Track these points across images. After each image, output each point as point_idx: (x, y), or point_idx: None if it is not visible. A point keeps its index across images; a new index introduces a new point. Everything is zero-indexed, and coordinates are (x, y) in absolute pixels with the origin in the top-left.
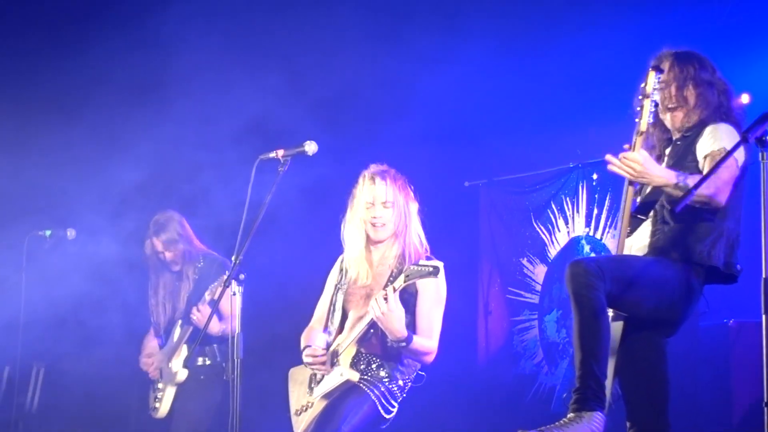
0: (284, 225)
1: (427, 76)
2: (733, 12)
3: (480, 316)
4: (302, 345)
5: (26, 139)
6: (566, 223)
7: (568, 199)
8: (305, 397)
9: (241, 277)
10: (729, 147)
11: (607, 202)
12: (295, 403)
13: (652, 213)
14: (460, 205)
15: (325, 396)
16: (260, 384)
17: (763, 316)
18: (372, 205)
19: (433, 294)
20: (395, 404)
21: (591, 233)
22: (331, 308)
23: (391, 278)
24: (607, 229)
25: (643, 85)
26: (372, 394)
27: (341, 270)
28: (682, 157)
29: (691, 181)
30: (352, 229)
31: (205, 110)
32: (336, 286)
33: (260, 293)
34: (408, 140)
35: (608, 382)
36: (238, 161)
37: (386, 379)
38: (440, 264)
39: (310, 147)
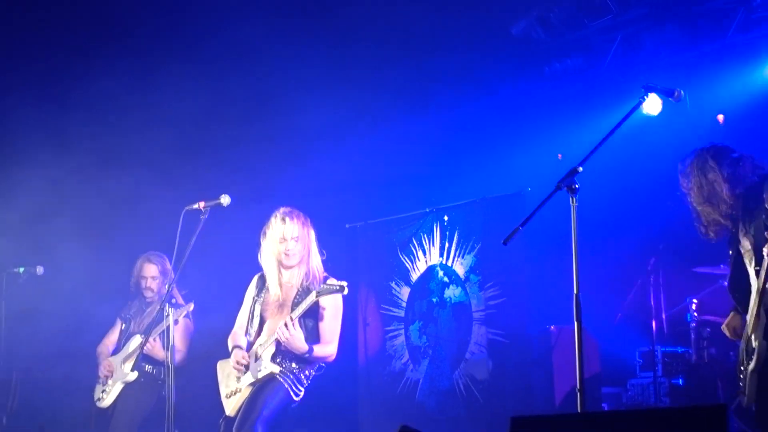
0: (211, 260)
1: (315, 140)
2: (549, 89)
3: (360, 327)
4: (230, 345)
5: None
6: (424, 254)
7: (425, 235)
8: (234, 384)
9: (173, 301)
10: None
11: (455, 238)
12: (225, 389)
13: None
14: (343, 242)
15: (251, 384)
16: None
17: (575, 323)
18: (284, 240)
19: (333, 308)
20: (302, 389)
21: (444, 262)
22: (250, 316)
23: (298, 295)
24: (455, 258)
25: None
26: (285, 383)
27: (257, 286)
28: None
29: None
30: (268, 257)
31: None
32: (254, 298)
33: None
34: (298, 191)
35: None
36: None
37: (296, 370)
38: (345, 283)
39: (225, 200)
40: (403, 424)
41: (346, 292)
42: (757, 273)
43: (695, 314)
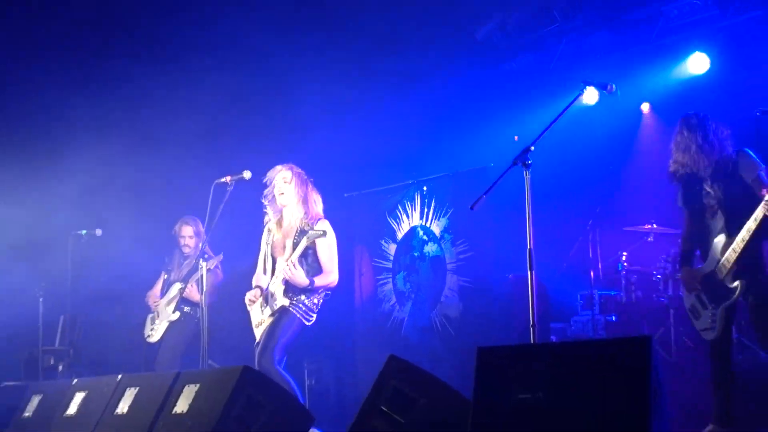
0: (236, 222)
1: (318, 124)
2: (508, 82)
3: (356, 277)
4: (253, 285)
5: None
6: (408, 217)
7: (408, 203)
8: (260, 315)
9: (206, 256)
10: None
11: (433, 204)
12: (254, 320)
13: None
14: (342, 208)
15: (271, 315)
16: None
17: (529, 272)
18: (277, 183)
19: (326, 244)
20: (313, 315)
21: (423, 223)
22: (265, 258)
23: (296, 236)
24: (432, 220)
25: None
26: (297, 313)
27: (268, 232)
28: None
29: None
30: (271, 203)
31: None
32: (266, 243)
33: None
34: (305, 166)
35: None
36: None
37: (305, 300)
38: (328, 228)
39: (247, 174)
40: (391, 354)
41: (326, 235)
42: (727, 224)
43: (625, 264)
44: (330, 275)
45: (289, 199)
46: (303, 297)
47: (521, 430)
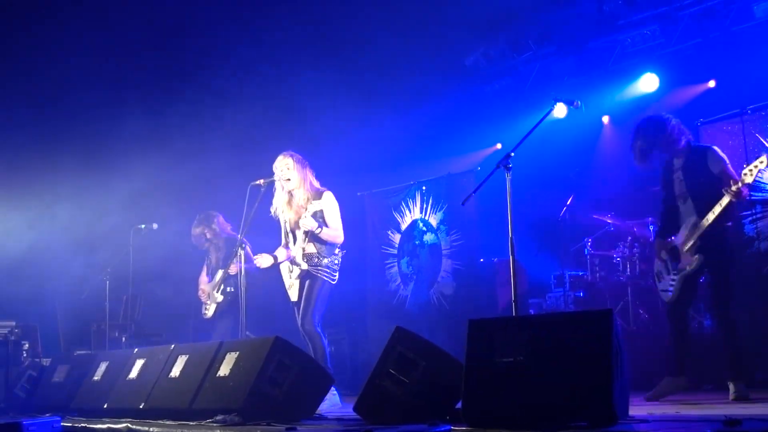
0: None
1: (337, 135)
2: (492, 100)
3: (368, 260)
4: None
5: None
6: (410, 212)
7: (410, 200)
8: (289, 280)
9: (242, 245)
10: None
11: (430, 200)
12: (285, 282)
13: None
14: (356, 205)
15: (297, 277)
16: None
17: (510, 256)
18: (282, 170)
19: (330, 210)
20: (335, 274)
21: (423, 217)
22: (285, 234)
23: (306, 209)
24: (430, 214)
25: None
26: (321, 276)
27: (281, 213)
28: None
29: None
30: (279, 190)
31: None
32: (283, 221)
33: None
34: (325, 170)
35: None
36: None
37: (325, 260)
38: (331, 197)
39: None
40: (397, 325)
41: (330, 200)
42: (697, 208)
43: (590, 249)
44: (335, 231)
45: (293, 183)
46: (323, 259)
47: (505, 387)
